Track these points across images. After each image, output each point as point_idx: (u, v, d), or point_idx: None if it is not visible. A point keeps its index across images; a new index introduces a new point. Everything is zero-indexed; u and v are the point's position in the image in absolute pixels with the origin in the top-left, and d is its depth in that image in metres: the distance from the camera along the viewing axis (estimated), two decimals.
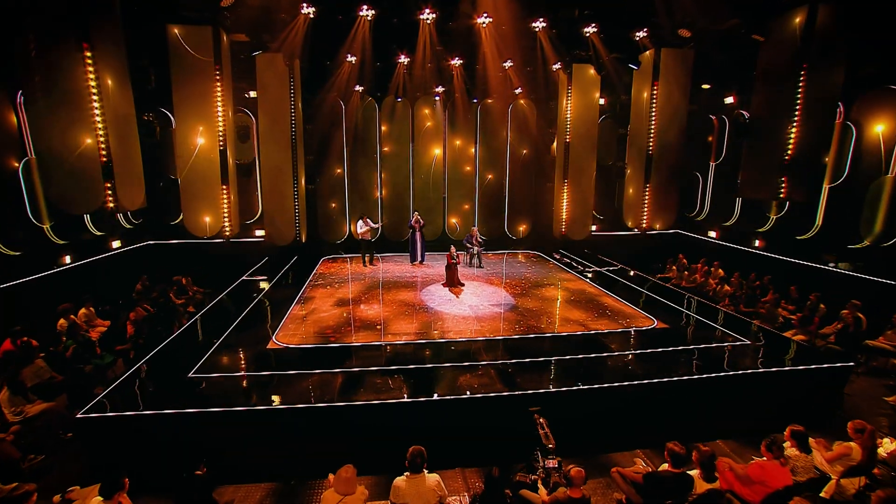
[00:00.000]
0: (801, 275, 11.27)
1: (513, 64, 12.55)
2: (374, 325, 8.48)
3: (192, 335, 8.08)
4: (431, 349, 7.49)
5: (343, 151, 14.85)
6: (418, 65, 11.84)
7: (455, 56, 11.47)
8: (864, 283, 10.14)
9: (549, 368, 6.84)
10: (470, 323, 8.63)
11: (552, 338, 8.03)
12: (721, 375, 6.56)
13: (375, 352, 7.31)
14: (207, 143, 11.02)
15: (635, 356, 7.28)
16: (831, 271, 10.91)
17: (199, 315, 9.06)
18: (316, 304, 9.80)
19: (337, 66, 12.13)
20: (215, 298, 10.19)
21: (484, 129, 15.75)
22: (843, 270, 10.63)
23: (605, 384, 6.24)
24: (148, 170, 10.75)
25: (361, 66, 11.85)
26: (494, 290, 10.87)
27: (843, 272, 10.69)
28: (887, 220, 9.83)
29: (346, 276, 12.20)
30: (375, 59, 11.77)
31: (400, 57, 11.67)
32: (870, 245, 10.17)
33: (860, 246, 10.39)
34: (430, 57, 11.23)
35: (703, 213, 15.53)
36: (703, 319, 9.02)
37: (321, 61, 12.03)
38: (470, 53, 11.45)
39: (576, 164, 14.15)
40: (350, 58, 11.57)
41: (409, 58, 11.91)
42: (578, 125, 13.72)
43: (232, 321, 8.55)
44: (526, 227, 16.96)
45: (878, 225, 10.02)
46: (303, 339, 7.77)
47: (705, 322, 8.85)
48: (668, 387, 6.36)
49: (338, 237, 15.72)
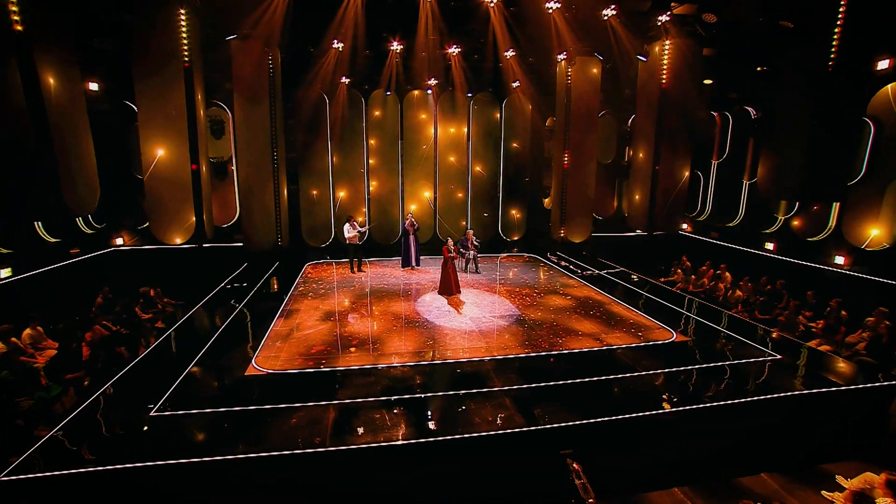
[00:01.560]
0: (812, 278, 10.79)
1: (515, 53, 11.66)
2: (367, 344, 7.57)
3: (159, 358, 7.04)
4: (433, 373, 6.62)
5: (328, 148, 13.84)
6: (415, 51, 10.80)
7: (454, 43, 10.50)
8: (879, 287, 9.67)
9: (571, 394, 6.05)
10: (474, 339, 7.80)
11: (567, 356, 7.26)
12: (762, 399, 5.89)
13: (369, 378, 6.41)
14: (176, 141, 9.90)
15: (662, 377, 6.55)
16: (844, 274, 10.44)
17: (168, 333, 8.01)
18: (301, 317, 8.83)
19: (322, 53, 11.08)
20: (188, 311, 9.14)
21: (479, 124, 14.93)
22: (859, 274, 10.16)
23: (637, 413, 5.48)
24: (115, 169, 9.61)
25: (349, 54, 10.82)
26: (495, 300, 10.06)
27: (858, 275, 10.23)
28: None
29: (333, 284, 11.23)
30: (366, 46, 10.73)
31: (392, 44, 10.67)
32: (889, 248, 9.72)
33: (878, 248, 9.94)
34: (428, 44, 10.23)
35: (705, 214, 15.05)
36: (723, 330, 8.39)
37: (304, 49, 10.94)
38: (469, 40, 10.52)
39: (576, 161, 13.45)
40: (337, 44, 10.53)
41: (402, 44, 10.82)
42: (579, 120, 13.02)
43: (206, 340, 7.53)
44: (521, 229, 16.24)
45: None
46: (287, 362, 6.82)
47: (727, 333, 8.22)
48: (703, 413, 5.65)
49: (322, 241, 14.71)
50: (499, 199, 15.89)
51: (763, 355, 7.24)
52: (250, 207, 11.78)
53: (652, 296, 10.53)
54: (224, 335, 7.92)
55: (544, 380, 6.32)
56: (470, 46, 11.07)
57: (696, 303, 10.24)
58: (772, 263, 12.04)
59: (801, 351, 7.57)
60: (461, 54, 11.40)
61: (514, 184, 15.79)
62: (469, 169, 15.29)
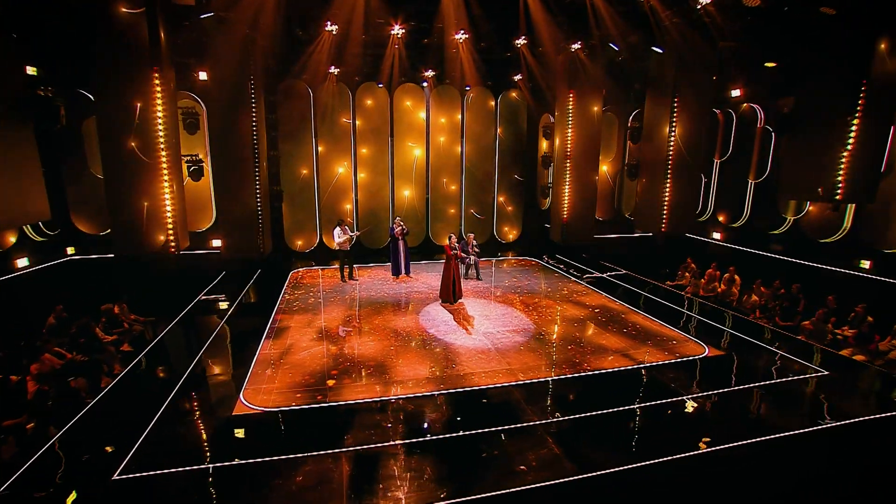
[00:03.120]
0: (824, 281, 10.42)
1: (526, 41, 10.75)
2: (373, 369, 6.61)
3: (126, 395, 5.90)
4: (456, 404, 5.72)
5: (313, 145, 12.74)
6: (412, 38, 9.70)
7: (462, 28, 9.46)
8: (891, 288, 9.33)
9: (621, 425, 5.26)
10: (493, 360, 6.94)
11: (602, 377, 6.49)
12: (831, 426, 5.25)
13: (382, 415, 5.46)
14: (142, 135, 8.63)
15: (715, 400, 5.85)
16: (858, 277, 10.09)
17: (137, 359, 6.85)
18: (292, 337, 7.77)
19: (311, 38, 9.90)
20: (160, 330, 7.97)
21: (477, 121, 14.10)
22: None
23: (698, 451, 4.74)
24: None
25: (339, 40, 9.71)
26: (505, 311, 9.23)
27: (872, 277, 9.88)
28: None
29: (324, 295, 10.17)
30: (364, 30, 9.57)
31: (394, 27, 9.60)
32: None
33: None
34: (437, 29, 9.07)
35: (707, 214, 14.64)
36: (753, 341, 7.82)
37: (291, 32, 9.70)
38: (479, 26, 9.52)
39: (579, 161, 12.78)
40: (330, 27, 9.37)
41: (405, 27, 9.61)
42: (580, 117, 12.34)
43: (182, 370, 6.41)
44: (516, 231, 15.54)
45: None
46: (281, 396, 5.79)
47: (759, 344, 7.65)
48: (771, 446, 4.97)
49: (307, 246, 13.60)
50: (494, 200, 15.14)
51: (808, 371, 6.66)
52: (229, 211, 10.58)
53: (668, 303, 9.96)
54: (204, 361, 6.81)
55: (584, 408, 5.52)
56: (477, 32, 10.11)
57: (714, 310, 9.72)
58: (780, 266, 11.67)
59: (848, 364, 7.05)
60: (468, 42, 10.38)
61: (511, 183, 15.09)
62: (463, 168, 14.46)
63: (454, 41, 10.23)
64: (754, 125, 12.35)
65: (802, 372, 6.64)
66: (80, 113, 9.91)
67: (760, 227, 12.39)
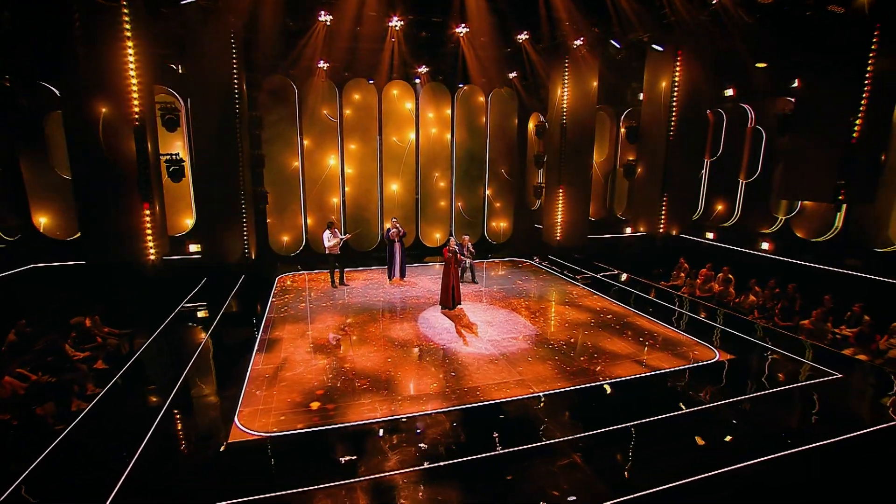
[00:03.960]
0: (818, 280, 10.52)
1: (528, 37, 10.37)
2: (377, 384, 6.17)
3: (101, 421, 5.29)
4: (472, 420, 5.34)
5: (298, 144, 12.14)
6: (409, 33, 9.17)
7: (462, 22, 9.03)
8: (883, 287, 9.46)
9: (651, 438, 4.99)
10: (503, 369, 6.60)
11: (617, 385, 6.23)
12: (860, 434, 5.12)
13: (398, 436, 5.03)
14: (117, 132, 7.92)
15: (739, 406, 5.66)
16: (850, 276, 10.20)
17: (115, 381, 6.21)
18: (286, 349, 7.24)
19: (303, 29, 9.25)
20: (138, 344, 7.33)
21: (469, 119, 13.76)
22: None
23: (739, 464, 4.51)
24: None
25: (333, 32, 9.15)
26: (508, 316, 8.91)
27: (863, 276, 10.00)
28: None
29: (315, 303, 9.63)
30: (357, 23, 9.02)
31: (392, 19, 9.09)
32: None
33: (890, 250, 9.73)
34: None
35: (698, 213, 14.71)
36: (763, 344, 7.73)
37: (280, 23, 9.01)
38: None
39: (573, 160, 12.60)
40: (324, 16, 8.76)
41: (403, 20, 9.06)
42: (575, 116, 12.15)
43: (167, 390, 5.82)
44: (507, 232, 15.28)
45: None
46: (281, 417, 5.30)
47: (770, 348, 7.56)
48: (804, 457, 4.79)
49: (293, 249, 12.99)
50: (484, 200, 14.84)
51: (821, 374, 6.58)
52: (211, 213, 9.90)
53: (669, 304, 9.86)
54: (190, 379, 6.22)
55: (607, 421, 5.23)
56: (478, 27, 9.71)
57: (714, 311, 9.66)
58: (771, 265, 11.75)
59: (857, 365, 7.02)
60: (468, 35, 9.93)
61: (502, 184, 14.82)
62: (453, 167, 14.10)
63: (451, 36, 9.84)
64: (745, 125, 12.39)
65: (818, 375, 6.54)
66: (44, 107, 9.08)
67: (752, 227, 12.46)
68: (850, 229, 10.36)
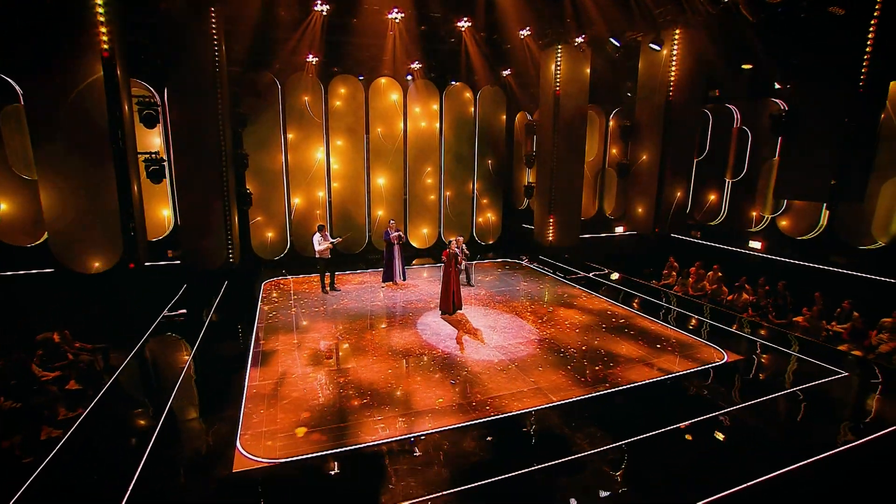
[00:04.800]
0: (805, 277, 10.76)
1: (531, 32, 10.09)
2: (387, 398, 5.81)
3: (79, 453, 4.72)
4: (493, 435, 5.05)
5: (281, 141, 11.56)
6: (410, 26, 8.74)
7: (465, 16, 8.65)
8: (867, 284, 9.74)
9: (679, 447, 4.83)
10: (515, 377, 6.35)
11: (635, 391, 6.08)
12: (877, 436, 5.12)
13: (415, 458, 4.68)
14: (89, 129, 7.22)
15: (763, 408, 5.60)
16: (835, 273, 10.47)
17: (93, 405, 5.60)
18: (282, 363, 6.76)
19: (296, 19, 8.68)
20: (115, 360, 6.71)
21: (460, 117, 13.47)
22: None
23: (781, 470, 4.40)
24: None
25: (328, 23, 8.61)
26: (511, 320, 8.67)
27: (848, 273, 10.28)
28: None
29: (307, 310, 9.12)
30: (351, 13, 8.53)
31: (392, 11, 8.62)
32: (885, 246, 9.81)
33: (873, 247, 10.02)
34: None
35: (692, 212, 14.88)
36: (766, 343, 7.78)
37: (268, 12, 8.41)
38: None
39: (565, 159, 12.49)
40: (321, 6, 8.20)
41: (404, 11, 8.61)
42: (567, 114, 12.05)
43: (156, 413, 5.28)
44: (496, 232, 15.10)
45: (895, 225, 9.66)
46: (287, 440, 4.86)
47: (773, 347, 7.60)
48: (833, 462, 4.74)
49: (276, 253, 12.40)
50: (473, 201, 14.61)
51: (829, 374, 6.62)
52: (193, 216, 9.25)
53: (666, 304, 9.87)
54: (181, 399, 5.69)
55: (633, 430, 5.04)
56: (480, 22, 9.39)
57: (711, 310, 9.72)
58: (759, 263, 11.98)
59: (860, 363, 7.12)
60: (472, 29, 9.57)
61: (491, 183, 14.62)
62: (441, 166, 13.80)
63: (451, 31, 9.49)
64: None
65: (817, 374, 6.59)
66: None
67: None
68: (835, 227, 10.65)
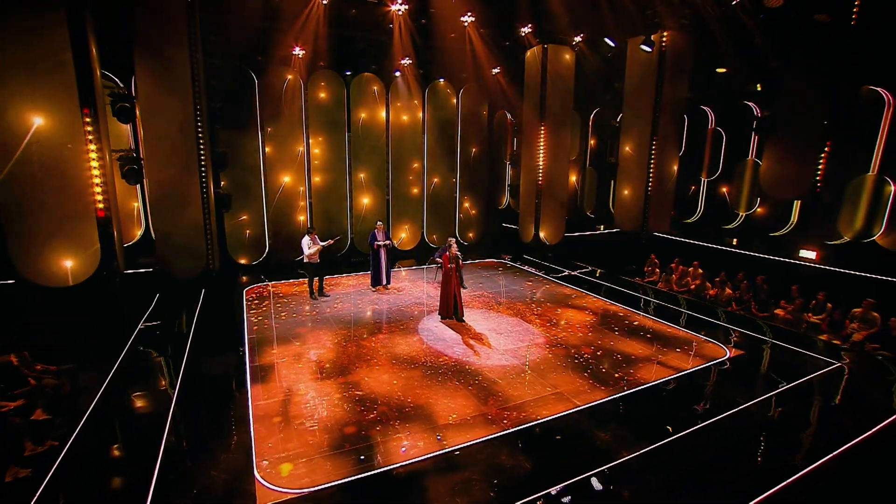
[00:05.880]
0: (775, 271, 11.33)
1: (532, 30, 9.92)
2: (405, 410, 5.49)
3: (65, 498, 4.10)
4: (528, 445, 4.86)
5: (259, 139, 10.87)
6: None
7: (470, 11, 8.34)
8: (837, 277, 10.37)
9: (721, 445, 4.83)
10: (534, 382, 6.20)
11: (654, 390, 6.08)
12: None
13: (453, 474, 4.42)
14: (51, 126, 6.40)
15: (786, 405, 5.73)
16: (806, 266, 11.08)
17: (73, 439, 4.91)
18: (284, 377, 6.26)
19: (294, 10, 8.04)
20: (87, 382, 5.98)
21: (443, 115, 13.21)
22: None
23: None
24: None
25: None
26: (512, 322, 8.53)
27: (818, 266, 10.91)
28: (868, 217, 10.15)
29: (299, 317, 8.58)
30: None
31: (395, 3, 8.16)
32: (850, 241, 10.47)
33: (839, 242, 10.67)
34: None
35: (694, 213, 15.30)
36: (761, 337, 8.07)
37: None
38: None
39: (551, 158, 12.53)
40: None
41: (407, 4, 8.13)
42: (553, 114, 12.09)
43: (153, 447, 4.69)
44: (477, 232, 14.97)
45: (858, 222, 10.34)
46: (311, 468, 4.44)
47: (768, 340, 7.90)
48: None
49: (255, 257, 11.68)
50: (456, 200, 14.42)
51: (826, 365, 6.92)
52: (169, 220, 8.46)
53: (659, 301, 10.09)
54: (179, 426, 5.10)
55: (662, 432, 5.01)
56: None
57: (699, 306, 10.02)
58: (735, 258, 12.50)
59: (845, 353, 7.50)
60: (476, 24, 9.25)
61: (472, 181, 14.48)
62: (425, 166, 13.49)
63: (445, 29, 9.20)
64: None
65: (816, 365, 6.87)
66: None
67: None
68: (805, 224, 11.29)
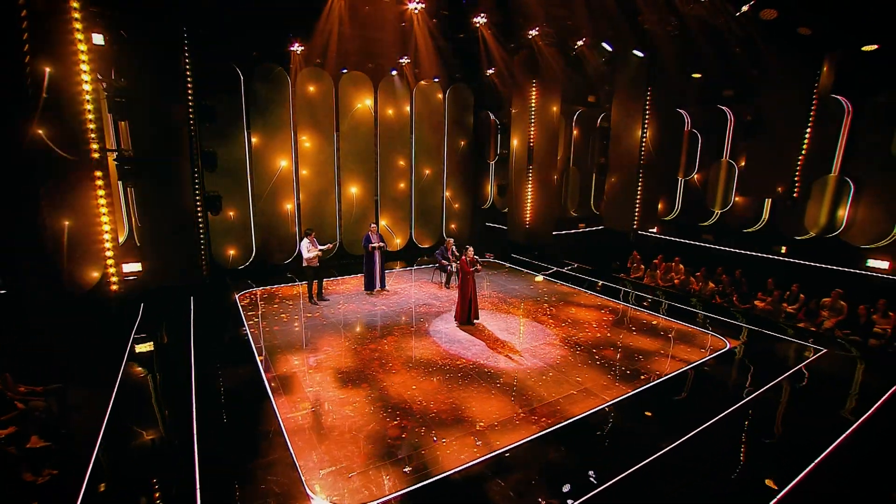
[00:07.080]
0: (750, 265, 12.10)
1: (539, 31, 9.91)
2: (440, 415, 5.40)
3: None
4: (573, 443, 4.91)
5: (245, 136, 10.35)
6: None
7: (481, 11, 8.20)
8: (804, 269, 11.23)
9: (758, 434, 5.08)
10: (559, 380, 6.27)
11: (674, 381, 6.32)
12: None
13: (507, 478, 4.40)
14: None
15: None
16: (778, 260, 11.92)
17: (90, 471, 4.47)
18: (308, 386, 5.99)
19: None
20: (77, 402, 5.49)
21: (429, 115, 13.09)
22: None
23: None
24: None
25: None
26: (527, 322, 8.61)
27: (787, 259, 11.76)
28: (830, 214, 11.03)
29: (302, 323, 8.24)
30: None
31: (412, 1, 7.90)
32: (816, 237, 11.34)
33: (806, 237, 11.53)
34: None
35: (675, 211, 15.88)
36: (752, 328, 8.58)
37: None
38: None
39: (540, 159, 12.74)
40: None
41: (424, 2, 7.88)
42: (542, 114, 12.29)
43: (188, 471, 4.35)
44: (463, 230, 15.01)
45: (822, 218, 11.21)
46: (364, 481, 4.27)
47: (759, 331, 8.41)
48: None
49: (241, 261, 11.13)
50: (442, 199, 14.39)
51: (814, 351, 7.46)
52: (158, 224, 7.88)
53: (650, 296, 10.51)
54: (207, 445, 4.75)
55: (694, 421, 5.22)
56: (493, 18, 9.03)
57: (687, 299, 10.51)
58: (711, 253, 13.25)
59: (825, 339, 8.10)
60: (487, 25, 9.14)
61: (460, 181, 14.49)
62: (412, 165, 13.35)
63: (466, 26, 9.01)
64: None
65: (804, 352, 7.40)
66: None
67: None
68: (776, 221, 12.10)
